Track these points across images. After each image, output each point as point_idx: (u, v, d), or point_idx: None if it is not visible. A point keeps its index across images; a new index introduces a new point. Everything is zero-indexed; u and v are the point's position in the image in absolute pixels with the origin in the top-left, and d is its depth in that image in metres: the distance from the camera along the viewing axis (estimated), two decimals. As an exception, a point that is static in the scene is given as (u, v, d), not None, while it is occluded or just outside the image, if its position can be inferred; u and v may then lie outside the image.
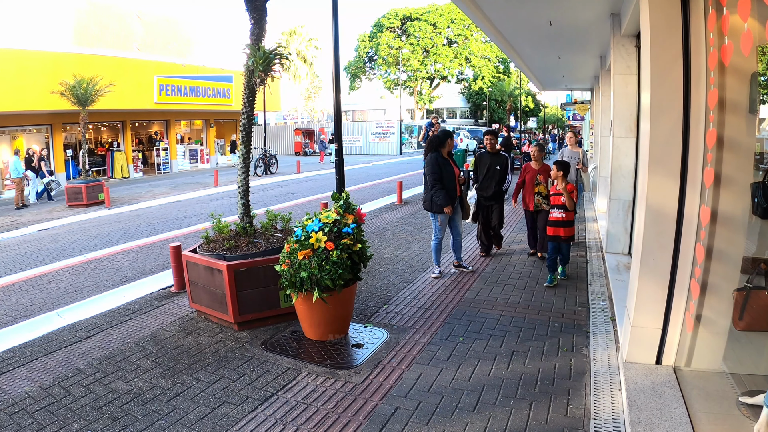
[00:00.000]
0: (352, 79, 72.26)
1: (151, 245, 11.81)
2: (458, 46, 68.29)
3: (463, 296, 7.48)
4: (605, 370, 5.15)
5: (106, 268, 9.91)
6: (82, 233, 13.62)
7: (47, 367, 5.73)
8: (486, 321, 6.54)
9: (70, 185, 19.00)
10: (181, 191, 21.83)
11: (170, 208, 17.68)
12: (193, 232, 12.87)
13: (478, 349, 5.78)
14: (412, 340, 6.02)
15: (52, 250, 11.76)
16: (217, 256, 6.60)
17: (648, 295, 4.72)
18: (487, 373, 5.21)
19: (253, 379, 5.24)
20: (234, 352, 5.88)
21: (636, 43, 8.58)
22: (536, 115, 73.61)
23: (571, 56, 14.70)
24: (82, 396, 5.04)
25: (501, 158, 9.55)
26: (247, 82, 7.09)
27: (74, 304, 7.86)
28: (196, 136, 35.27)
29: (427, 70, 69.61)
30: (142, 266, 9.93)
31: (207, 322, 6.81)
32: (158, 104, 28.34)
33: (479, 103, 75.76)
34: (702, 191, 4.33)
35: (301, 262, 5.77)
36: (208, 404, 4.79)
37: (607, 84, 13.34)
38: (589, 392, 4.76)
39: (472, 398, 4.72)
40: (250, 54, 6.94)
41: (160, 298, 7.90)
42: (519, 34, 11.58)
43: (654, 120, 4.51)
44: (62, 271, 9.79)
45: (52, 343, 6.36)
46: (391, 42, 67.83)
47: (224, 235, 7.13)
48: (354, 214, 6.19)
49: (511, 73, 71.37)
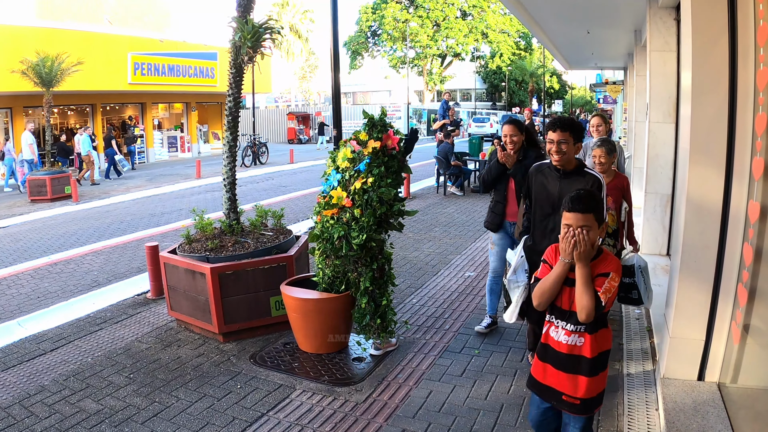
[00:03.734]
0: (353, 56, 72.26)
1: (125, 245, 11.85)
2: (473, 19, 68.21)
3: (479, 303, 7.48)
4: (640, 387, 5.15)
5: (74, 271, 9.95)
6: (46, 231, 13.66)
7: (6, 383, 5.76)
8: (505, 331, 6.55)
9: (32, 177, 19.01)
10: (159, 184, 21.92)
11: (146, 203, 17.73)
12: (172, 230, 12.91)
13: (496, 363, 5.79)
14: (421, 353, 6.03)
15: (11, 250, 11.80)
16: (199, 257, 6.62)
17: (689, 301, 4.71)
18: (506, 391, 5.22)
19: (240, 398, 5.26)
20: (219, 367, 5.90)
21: (675, 15, 8.55)
22: (562, 98, 73.61)
23: (602, 30, 14.65)
24: (47, 416, 5.05)
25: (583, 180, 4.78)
26: (233, 59, 7.09)
27: (37, 312, 7.89)
28: (176, 120, 35.30)
29: (438, 46, 69.55)
30: (114, 269, 9.97)
31: (188, 333, 6.83)
32: (132, 85, 28.30)
33: (497, 84, 75.73)
34: (750, 184, 4.32)
35: (326, 220, 5.90)
36: (190, 426, 4.81)
37: (643, 62, 13.28)
38: (622, 412, 4.76)
39: (489, 419, 4.74)
40: (237, 28, 6.94)
41: (135, 306, 7.94)
42: (543, 5, 11.55)
43: (696, 103, 4.50)
44: (24, 275, 9.83)
45: (12, 357, 6.39)
46: (397, 14, 67.73)
47: (208, 234, 7.15)
48: (381, 141, 5.82)
49: (533, 50, 71.32)
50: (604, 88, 32.79)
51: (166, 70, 29.81)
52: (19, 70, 19.30)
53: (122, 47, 27.55)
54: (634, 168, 13.52)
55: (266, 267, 6.53)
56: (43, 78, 19.26)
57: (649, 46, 9.10)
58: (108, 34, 27.54)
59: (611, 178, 6.23)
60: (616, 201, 6.26)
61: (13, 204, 18.41)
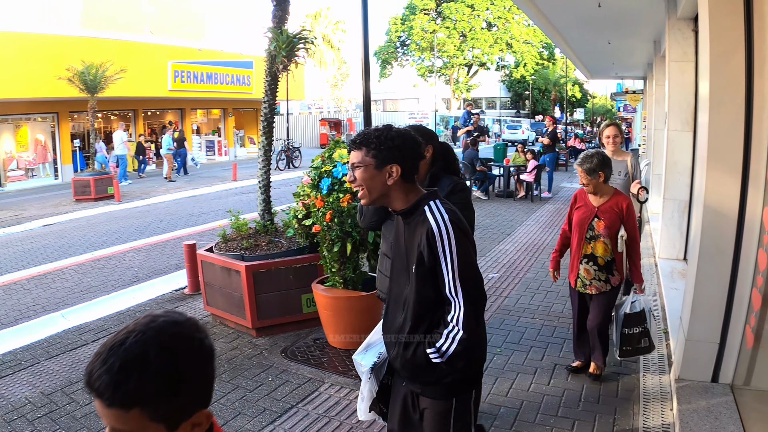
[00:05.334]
0: (383, 65, 72.31)
1: (164, 243, 12.00)
2: (498, 29, 67.95)
3: (502, 303, 7.48)
4: (656, 388, 5.13)
5: (115, 267, 10.09)
6: (90, 229, 13.86)
7: (50, 371, 5.87)
8: (526, 331, 6.54)
9: (77, 178, 19.35)
10: (197, 185, 22.10)
11: (184, 203, 17.90)
12: (209, 229, 13.00)
13: (517, 361, 5.78)
14: (444, 351, 6.03)
15: (57, 246, 11.99)
16: (234, 256, 6.69)
17: (704, 305, 4.68)
18: (526, 389, 5.21)
19: (271, 390, 5.31)
20: (251, 360, 5.96)
21: (693, 26, 8.48)
22: (584, 106, 73.06)
23: (622, 41, 14.57)
24: (87, 404, 5.14)
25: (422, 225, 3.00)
26: (268, 68, 7.17)
27: (80, 305, 8.02)
28: (213, 126, 35.59)
29: (465, 56, 69.41)
30: (153, 265, 10.09)
31: (223, 327, 6.91)
32: (173, 92, 28.64)
33: (521, 93, 75.35)
34: (766, 191, 4.29)
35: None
36: (222, 416, 4.87)
37: (662, 72, 13.19)
38: (638, 411, 4.74)
39: (509, 415, 4.74)
40: (273, 38, 7.02)
41: (173, 300, 8.04)
42: (565, 16, 11.51)
43: (713, 112, 4.48)
44: (68, 270, 9.99)
45: (55, 347, 6.51)
46: (425, 25, 67.71)
47: (243, 234, 7.22)
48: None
49: (556, 60, 70.84)
50: (625, 97, 32.60)
51: (204, 77, 30.08)
52: (65, 77, 19.58)
53: (162, 56, 27.85)
54: (653, 175, 13.42)
55: (298, 266, 6.57)
56: (88, 84, 19.55)
57: (668, 56, 9.05)
58: (149, 43, 27.82)
59: (606, 198, 5.07)
60: (610, 226, 5.00)
61: (59, 203, 18.65)
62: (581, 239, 5.09)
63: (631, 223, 5.06)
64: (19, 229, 14.22)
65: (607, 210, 5.01)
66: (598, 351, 5.24)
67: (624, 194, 5.20)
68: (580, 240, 5.10)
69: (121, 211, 16.74)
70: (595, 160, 4.94)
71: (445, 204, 2.76)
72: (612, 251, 5.03)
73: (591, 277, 5.08)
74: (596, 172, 4.92)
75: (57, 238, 12.96)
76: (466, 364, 2.77)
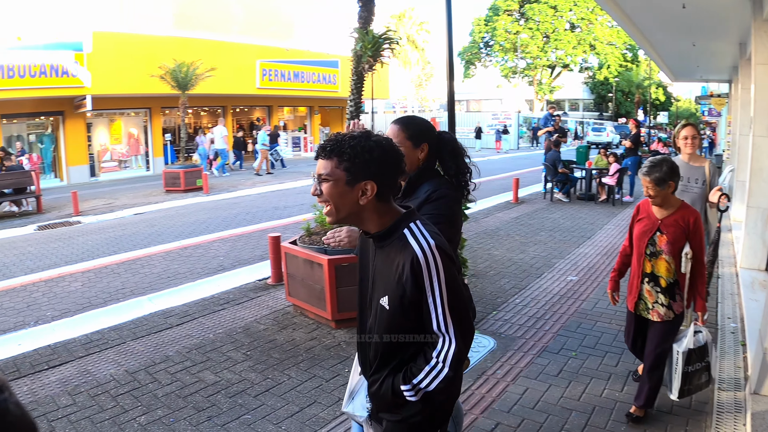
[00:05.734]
0: (466, 66, 72.13)
1: (249, 234, 12.22)
2: (582, 31, 66.92)
3: (579, 307, 7.31)
4: (730, 401, 4.89)
5: (202, 255, 10.34)
6: (179, 219, 14.28)
7: (135, 351, 6.07)
8: (602, 336, 6.37)
9: (167, 170, 20.07)
10: (282, 180, 22.43)
11: (270, 197, 18.22)
12: (293, 223, 13.17)
13: (591, 366, 5.64)
14: (521, 352, 5.94)
15: (146, 234, 12.39)
16: (317, 249, 6.75)
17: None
18: (599, 394, 5.08)
19: (346, 381, 5.32)
20: (329, 351, 6.00)
21: (781, 28, 8.12)
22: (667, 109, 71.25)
23: (707, 43, 14.07)
24: (168, 383, 5.30)
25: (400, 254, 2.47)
26: (354, 67, 7.23)
27: (166, 291, 8.26)
28: (299, 123, 36.13)
29: (548, 57, 68.62)
30: (238, 255, 10.28)
31: (303, 318, 6.98)
32: (261, 89, 29.25)
33: (604, 95, 74.08)
34: None
35: None
36: (298, 402, 4.92)
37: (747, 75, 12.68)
38: (710, 425, 4.52)
39: (581, 420, 4.62)
40: (358, 38, 7.07)
41: (256, 290, 8.17)
42: (648, 17, 11.20)
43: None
44: (156, 257, 10.30)
45: (141, 328, 6.73)
46: (509, 26, 67.25)
47: (326, 228, 7.28)
48: None
49: (639, 62, 69.19)
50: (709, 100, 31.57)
51: (291, 76, 30.60)
52: (157, 74, 20.27)
53: (251, 55, 28.49)
54: (737, 181, 12.94)
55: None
56: (179, 82, 20.19)
57: (754, 59, 8.66)
58: (238, 43, 28.48)
59: (671, 210, 4.36)
60: (673, 242, 4.32)
61: (150, 193, 19.31)
62: (641, 255, 4.49)
63: (698, 242, 4.35)
64: (112, 217, 14.79)
65: (671, 224, 4.35)
66: (646, 390, 4.54)
67: (692, 208, 4.47)
68: (640, 256, 4.50)
69: (209, 202, 17.19)
70: (664, 167, 4.27)
71: (426, 226, 2.41)
72: (675, 272, 4.36)
73: (653, 300, 4.47)
74: (666, 182, 4.26)
75: (147, 226, 13.39)
76: (444, 400, 2.51)
